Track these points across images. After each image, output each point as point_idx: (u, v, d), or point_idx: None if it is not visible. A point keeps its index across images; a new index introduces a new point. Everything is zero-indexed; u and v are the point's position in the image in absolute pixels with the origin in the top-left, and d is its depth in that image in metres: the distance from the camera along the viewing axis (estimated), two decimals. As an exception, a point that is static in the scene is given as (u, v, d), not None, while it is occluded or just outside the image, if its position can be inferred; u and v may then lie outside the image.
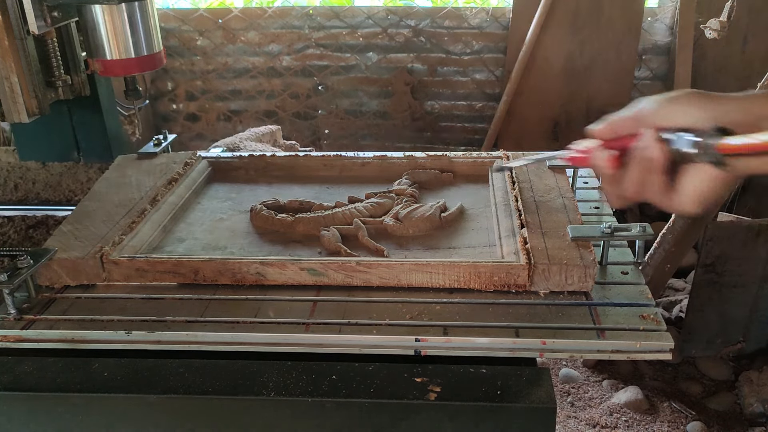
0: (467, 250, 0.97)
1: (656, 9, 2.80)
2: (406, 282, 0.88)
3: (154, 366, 0.80)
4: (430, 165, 1.22)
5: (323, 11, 2.89)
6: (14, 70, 1.16)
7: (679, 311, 2.31)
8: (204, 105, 3.07)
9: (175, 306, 0.87)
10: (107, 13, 1.19)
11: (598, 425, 1.95)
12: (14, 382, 0.78)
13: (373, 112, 3.03)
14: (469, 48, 2.89)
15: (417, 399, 0.73)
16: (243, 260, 0.89)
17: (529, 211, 0.98)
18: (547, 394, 0.74)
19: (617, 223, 0.93)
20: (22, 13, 1.13)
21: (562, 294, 0.86)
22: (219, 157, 1.28)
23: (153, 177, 1.16)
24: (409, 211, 1.03)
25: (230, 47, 2.95)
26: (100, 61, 1.23)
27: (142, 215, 1.02)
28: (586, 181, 1.19)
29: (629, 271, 0.91)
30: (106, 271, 0.91)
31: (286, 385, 0.76)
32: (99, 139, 1.46)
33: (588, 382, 2.15)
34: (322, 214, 1.05)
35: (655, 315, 0.81)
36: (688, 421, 1.96)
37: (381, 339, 0.79)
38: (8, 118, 1.19)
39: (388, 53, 2.91)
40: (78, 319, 0.85)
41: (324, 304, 0.86)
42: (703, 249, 2.02)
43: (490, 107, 2.95)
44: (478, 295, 0.86)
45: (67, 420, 0.78)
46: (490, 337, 0.79)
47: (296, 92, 3.01)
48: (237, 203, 1.14)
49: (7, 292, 0.84)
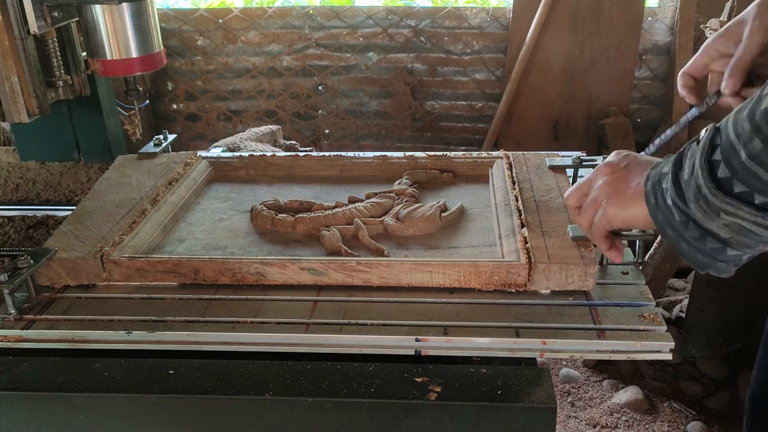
0: (467, 249, 0.97)
1: (656, 9, 2.80)
2: (406, 282, 0.88)
3: (154, 366, 0.80)
4: (430, 165, 1.22)
5: (323, 11, 2.89)
6: (14, 70, 1.16)
7: (679, 311, 2.31)
8: (204, 105, 3.07)
9: (175, 306, 0.87)
10: (107, 13, 1.19)
11: (599, 425, 1.95)
12: (14, 382, 0.78)
13: (373, 112, 3.03)
14: (470, 48, 2.89)
15: (417, 399, 0.73)
16: (243, 260, 0.89)
17: (529, 210, 0.98)
18: (547, 394, 0.74)
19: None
20: (22, 13, 1.13)
21: (563, 294, 0.86)
22: (219, 157, 1.28)
23: (153, 177, 1.16)
24: (409, 211, 1.03)
25: (230, 47, 2.95)
26: (100, 61, 1.24)
27: (143, 215, 1.02)
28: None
29: (629, 271, 0.91)
30: (106, 271, 0.91)
31: (286, 385, 0.76)
32: (99, 139, 1.46)
33: (588, 382, 2.15)
34: (323, 214, 1.05)
35: (655, 315, 0.81)
36: (688, 421, 1.96)
37: (381, 339, 0.80)
38: (8, 118, 1.19)
39: (389, 53, 2.91)
40: (78, 319, 0.85)
41: (324, 304, 0.86)
42: (703, 249, 2.01)
43: (490, 107, 2.95)
44: (479, 295, 0.86)
45: (67, 420, 0.78)
46: (490, 337, 0.79)
47: (296, 92, 3.01)
48: (237, 203, 1.14)
49: (8, 292, 0.84)
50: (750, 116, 0.60)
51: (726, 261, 0.68)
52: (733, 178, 0.62)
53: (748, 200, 0.62)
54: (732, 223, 0.64)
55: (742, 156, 0.61)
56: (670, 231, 0.69)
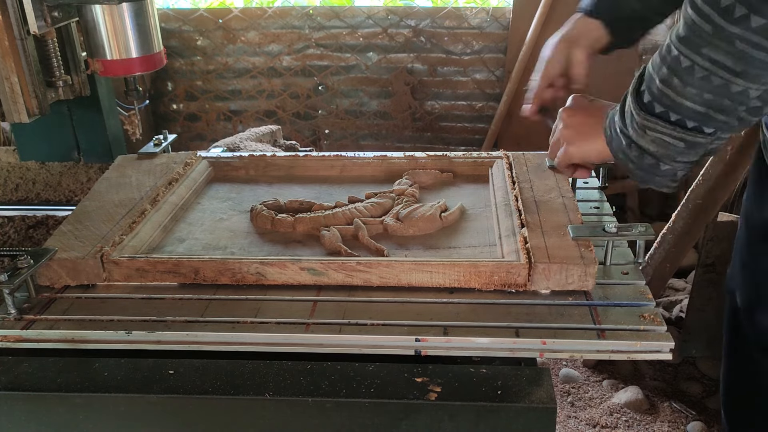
0: (467, 249, 0.97)
1: (656, 9, 2.80)
2: (406, 282, 0.88)
3: (154, 366, 0.80)
4: (430, 165, 1.22)
5: (323, 11, 2.89)
6: (14, 70, 1.16)
7: (679, 311, 2.31)
8: (204, 105, 3.07)
9: (175, 306, 0.87)
10: (107, 13, 1.19)
11: (598, 425, 1.95)
12: (14, 382, 0.78)
13: (373, 112, 3.03)
14: (469, 48, 2.89)
15: (417, 399, 0.73)
16: (243, 260, 0.89)
17: (530, 210, 0.99)
18: (547, 394, 0.74)
19: (618, 223, 0.93)
20: (22, 13, 1.13)
21: (563, 294, 0.86)
22: (219, 157, 1.28)
23: (153, 177, 1.16)
24: (409, 211, 1.03)
25: (230, 47, 2.95)
26: (100, 61, 1.23)
27: (143, 215, 1.02)
28: (586, 181, 1.19)
29: (629, 271, 0.91)
30: (106, 271, 0.91)
31: (286, 385, 0.76)
32: (99, 139, 1.46)
33: (588, 382, 2.14)
34: (323, 214, 1.05)
35: (655, 315, 0.81)
36: (688, 421, 1.96)
37: (381, 339, 0.80)
38: (8, 118, 1.19)
39: (388, 53, 2.91)
40: (78, 319, 0.85)
41: (324, 304, 0.86)
42: (703, 249, 2.02)
43: (490, 107, 2.95)
44: (478, 295, 0.86)
45: (67, 420, 0.78)
46: (490, 337, 0.79)
47: (296, 92, 3.01)
48: (237, 203, 1.14)
49: (7, 292, 0.84)
50: (659, 50, 0.77)
51: (662, 176, 0.83)
52: (653, 101, 0.78)
53: (665, 118, 0.78)
54: (656, 138, 0.79)
55: (657, 82, 0.77)
56: (621, 155, 0.85)
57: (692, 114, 0.76)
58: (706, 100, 0.74)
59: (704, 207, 2.05)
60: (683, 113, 0.76)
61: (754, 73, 0.70)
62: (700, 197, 2.04)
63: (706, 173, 2.03)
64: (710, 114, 0.75)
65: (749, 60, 0.69)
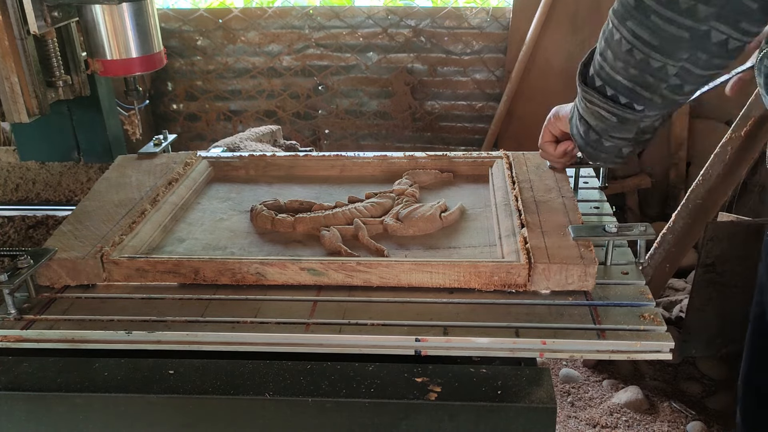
0: (467, 249, 0.97)
1: (656, 9, 2.80)
2: (406, 282, 0.88)
3: (154, 366, 0.80)
4: (431, 165, 1.22)
5: (323, 11, 2.89)
6: (14, 70, 1.16)
7: (679, 311, 2.31)
8: (204, 105, 3.07)
9: (175, 306, 0.87)
10: (107, 13, 1.19)
11: (598, 425, 1.95)
12: (14, 382, 0.78)
13: (373, 112, 3.03)
14: (469, 48, 2.89)
15: (417, 399, 0.73)
16: (243, 260, 0.89)
17: (529, 210, 0.98)
18: (547, 394, 0.74)
19: (618, 223, 0.93)
20: (22, 13, 1.13)
21: (563, 294, 0.86)
22: (219, 157, 1.28)
23: (153, 177, 1.16)
24: (409, 211, 1.03)
25: (230, 47, 2.95)
26: (100, 61, 1.24)
27: (143, 215, 1.02)
28: (586, 181, 1.19)
29: (629, 271, 0.91)
30: (106, 271, 0.91)
31: (286, 385, 0.76)
32: (99, 139, 1.46)
33: (588, 382, 2.14)
34: (323, 214, 1.05)
35: (655, 315, 0.81)
36: (688, 421, 1.96)
37: (381, 339, 0.80)
38: (8, 118, 1.19)
39: (388, 53, 2.91)
40: (78, 319, 0.85)
41: (324, 304, 0.86)
42: (703, 249, 2.01)
43: (490, 107, 2.95)
44: (478, 295, 0.86)
45: (67, 420, 0.78)
46: (490, 337, 0.79)
47: (296, 92, 3.01)
48: (237, 203, 1.14)
49: (7, 292, 0.84)
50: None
51: (607, 152, 0.86)
52: (594, 75, 0.81)
53: (603, 92, 0.81)
54: (594, 111, 0.82)
55: (597, 55, 0.80)
56: (574, 129, 0.89)
57: (623, 89, 0.78)
58: (632, 75, 0.76)
59: (704, 207, 2.05)
60: (617, 88, 0.78)
61: (669, 48, 0.71)
62: (700, 197, 2.04)
63: (706, 173, 2.03)
64: (637, 90, 0.77)
65: (662, 34, 0.71)
